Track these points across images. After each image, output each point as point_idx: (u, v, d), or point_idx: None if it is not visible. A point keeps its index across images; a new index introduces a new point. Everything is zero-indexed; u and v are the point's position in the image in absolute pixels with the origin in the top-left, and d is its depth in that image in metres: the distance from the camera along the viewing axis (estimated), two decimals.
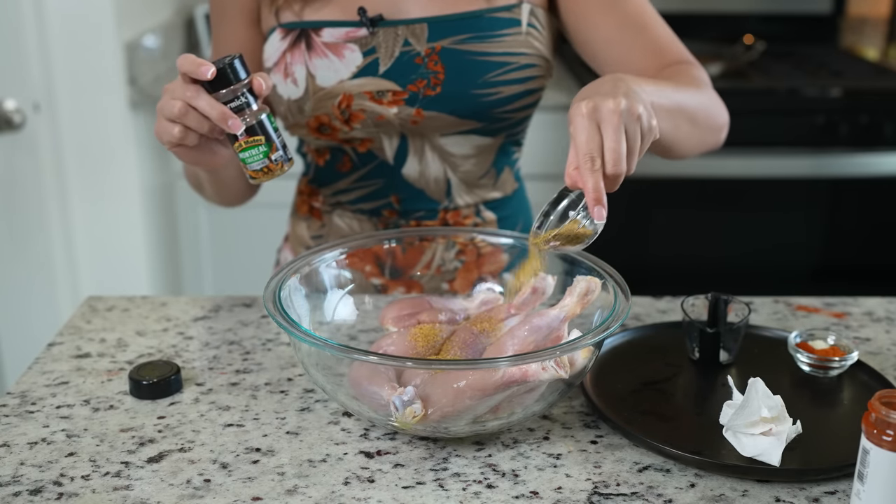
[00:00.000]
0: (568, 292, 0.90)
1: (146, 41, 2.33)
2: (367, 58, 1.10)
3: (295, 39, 1.12)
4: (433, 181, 1.18)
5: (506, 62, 1.11)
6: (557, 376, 0.81)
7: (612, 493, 0.80)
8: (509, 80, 1.11)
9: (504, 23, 1.11)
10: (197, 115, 0.91)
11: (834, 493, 0.80)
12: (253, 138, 0.92)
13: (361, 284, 1.17)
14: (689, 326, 1.01)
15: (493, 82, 1.11)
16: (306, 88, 1.11)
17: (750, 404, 0.84)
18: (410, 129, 1.14)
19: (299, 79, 1.11)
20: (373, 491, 0.80)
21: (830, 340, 1.00)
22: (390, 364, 0.85)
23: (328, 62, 1.10)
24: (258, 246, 2.42)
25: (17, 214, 1.95)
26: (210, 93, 0.90)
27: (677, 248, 2.42)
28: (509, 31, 1.11)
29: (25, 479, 0.81)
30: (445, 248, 1.17)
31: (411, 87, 1.11)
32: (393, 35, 1.11)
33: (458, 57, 1.10)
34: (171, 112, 0.91)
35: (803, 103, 2.33)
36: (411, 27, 1.11)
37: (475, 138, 1.16)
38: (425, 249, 1.16)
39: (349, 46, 1.10)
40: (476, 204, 1.22)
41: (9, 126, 1.84)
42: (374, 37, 1.10)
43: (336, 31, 1.11)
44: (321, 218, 1.25)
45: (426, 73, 1.10)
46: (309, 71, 1.11)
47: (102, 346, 1.06)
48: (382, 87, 1.11)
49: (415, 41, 1.10)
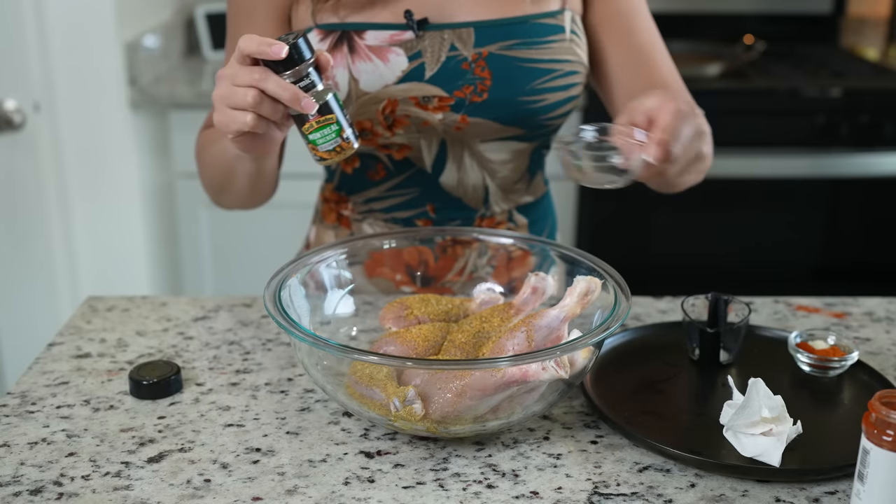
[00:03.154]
0: (568, 292, 0.90)
1: (146, 41, 2.33)
2: (412, 62, 1.07)
3: (336, 41, 1.08)
4: (471, 189, 1.16)
5: (551, 69, 1.09)
6: (557, 376, 0.81)
7: (612, 493, 0.80)
8: (554, 87, 1.10)
9: (549, 29, 1.10)
10: (270, 101, 0.87)
11: (834, 493, 0.80)
12: (324, 118, 0.89)
13: (390, 293, 1.17)
14: (689, 326, 1.01)
15: (539, 89, 1.09)
16: (349, 93, 1.08)
17: (750, 404, 0.84)
18: (452, 136, 1.12)
19: (341, 83, 1.07)
20: (373, 491, 0.80)
21: (830, 340, 1.00)
22: (390, 364, 0.85)
23: (372, 66, 1.07)
24: (258, 246, 2.43)
25: (17, 214, 1.95)
26: (276, 73, 0.86)
27: (677, 248, 2.41)
28: (554, 37, 1.10)
29: (25, 479, 0.81)
30: (478, 254, 1.14)
31: (458, 92, 1.08)
32: (439, 39, 1.08)
33: (505, 63, 1.08)
34: (241, 100, 0.86)
35: (803, 103, 2.34)
36: (458, 31, 1.08)
37: (513, 144, 1.14)
38: (458, 257, 1.14)
39: (394, 50, 1.07)
40: (509, 209, 1.20)
41: (9, 126, 1.84)
42: (420, 41, 1.07)
43: (380, 34, 1.07)
44: (350, 226, 1.21)
45: (473, 79, 1.08)
46: (352, 75, 1.07)
47: (102, 346, 1.06)
48: (429, 92, 1.08)
49: (461, 46, 1.08)
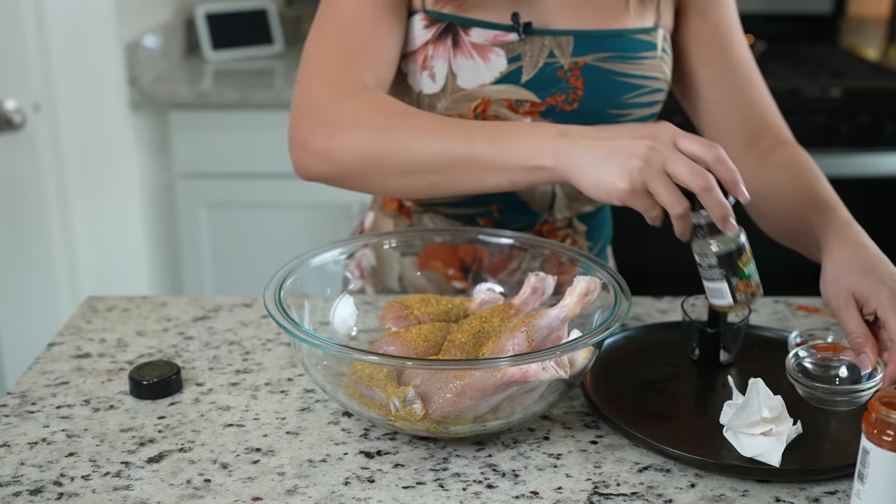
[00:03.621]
0: (568, 292, 0.90)
1: (146, 41, 2.33)
2: (511, 64, 1.06)
3: (440, 32, 1.06)
4: (539, 194, 1.16)
5: (641, 85, 1.09)
6: (557, 376, 0.81)
7: (612, 493, 0.80)
8: (641, 103, 1.10)
9: (643, 45, 1.10)
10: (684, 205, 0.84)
11: (834, 493, 0.80)
12: (748, 254, 0.88)
13: (441, 287, 1.17)
14: (689, 326, 1.01)
15: (628, 104, 1.09)
16: (445, 86, 1.07)
17: (750, 404, 0.84)
18: None
19: (438, 75, 1.06)
20: (373, 491, 0.80)
21: (830, 340, 1.00)
22: (390, 364, 0.85)
23: (472, 63, 1.06)
24: (258, 246, 2.43)
25: (17, 214, 1.95)
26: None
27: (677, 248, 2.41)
28: (647, 53, 1.10)
29: (25, 479, 0.81)
30: (532, 257, 1.12)
31: (550, 99, 1.08)
32: (539, 45, 1.07)
33: (599, 75, 1.08)
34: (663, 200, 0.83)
35: (803, 103, 2.33)
36: (558, 39, 1.07)
37: None
38: (513, 257, 1.13)
39: (495, 50, 1.06)
40: (570, 217, 1.20)
41: (9, 126, 1.84)
42: (521, 44, 1.06)
43: (485, 32, 1.06)
44: (410, 217, 1.21)
45: (566, 88, 1.07)
46: (451, 69, 1.06)
47: (102, 346, 1.06)
48: (522, 96, 1.07)
49: (559, 54, 1.07)
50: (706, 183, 0.82)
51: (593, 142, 0.86)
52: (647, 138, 0.84)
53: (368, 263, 1.22)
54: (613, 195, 0.84)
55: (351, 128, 0.96)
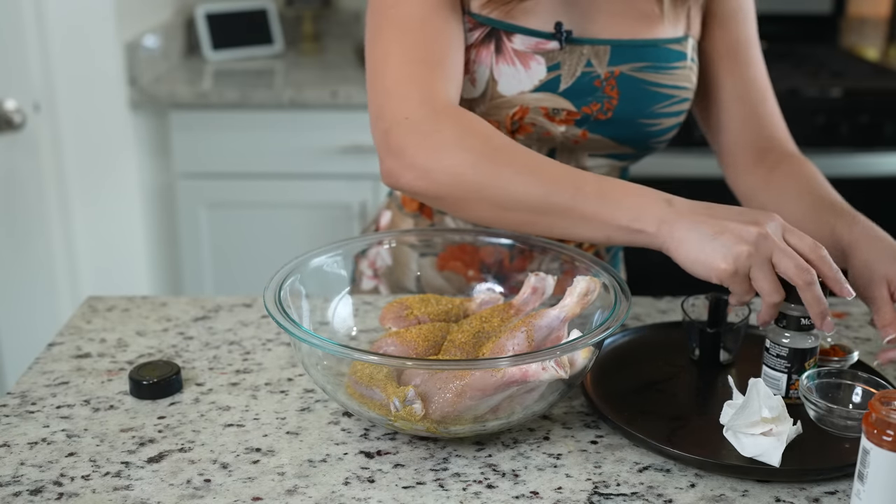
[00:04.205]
0: (568, 292, 0.90)
1: (146, 41, 2.33)
2: (550, 73, 1.06)
3: (484, 37, 1.06)
4: None
5: (672, 95, 1.10)
6: (557, 376, 0.81)
7: (612, 493, 0.80)
8: (671, 112, 1.11)
9: (675, 55, 1.10)
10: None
11: (834, 493, 0.80)
12: (816, 358, 0.91)
13: (461, 288, 1.16)
14: (689, 326, 1.01)
15: (659, 113, 1.10)
16: (485, 91, 1.06)
17: (750, 405, 0.84)
18: (565, 147, 1.11)
19: (479, 79, 1.06)
20: (373, 491, 0.80)
21: (830, 340, 1.00)
22: (390, 364, 0.85)
23: (514, 70, 1.06)
24: (258, 246, 2.43)
25: (17, 214, 1.95)
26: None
27: None
28: (678, 63, 1.10)
29: (25, 479, 0.81)
30: (551, 259, 1.11)
31: (585, 108, 1.08)
32: (578, 54, 1.07)
33: (634, 84, 1.08)
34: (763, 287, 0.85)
35: (803, 103, 2.33)
36: (595, 48, 1.07)
37: (614, 160, 1.14)
38: (534, 258, 1.12)
39: (536, 58, 1.06)
40: None
41: (9, 126, 1.84)
42: (560, 52, 1.06)
43: (528, 39, 1.06)
44: (432, 217, 1.20)
45: (601, 97, 1.08)
46: (492, 75, 1.06)
47: (102, 346, 1.06)
48: (559, 104, 1.07)
49: (597, 63, 1.07)
50: (810, 278, 0.84)
51: (701, 218, 0.87)
52: (757, 226, 0.85)
53: (384, 263, 1.22)
54: (713, 274, 0.85)
55: (455, 151, 0.93)
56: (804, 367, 0.90)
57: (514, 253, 1.12)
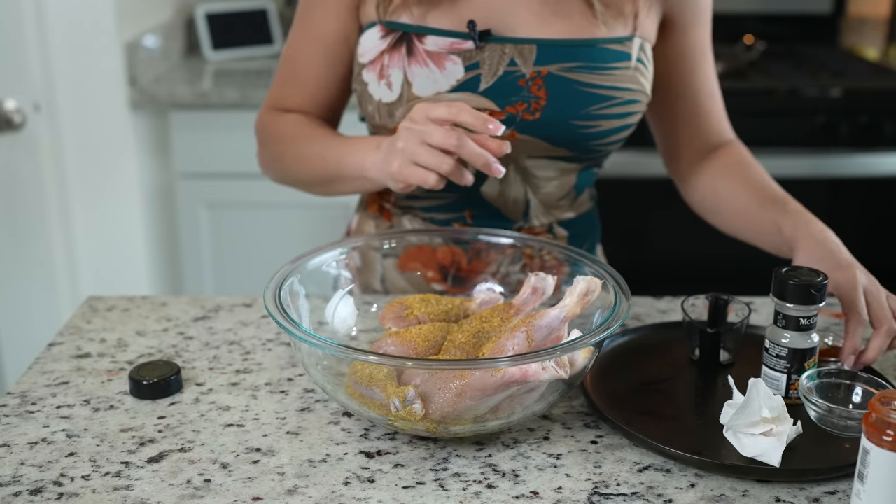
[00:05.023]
0: (568, 292, 0.90)
1: (146, 41, 2.33)
2: (468, 73, 1.06)
3: (395, 42, 1.08)
4: (512, 201, 1.16)
5: (611, 96, 1.09)
6: (557, 376, 0.81)
7: (612, 493, 0.80)
8: (611, 114, 1.09)
9: (615, 55, 1.09)
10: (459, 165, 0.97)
11: (834, 493, 0.80)
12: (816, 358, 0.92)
13: (421, 289, 1.17)
14: (689, 326, 1.01)
15: (595, 115, 1.09)
16: (401, 94, 1.08)
17: (751, 405, 0.84)
18: None
19: (395, 83, 1.08)
20: (373, 491, 0.80)
21: (829, 341, 1.00)
22: (390, 364, 0.85)
23: (428, 72, 1.07)
24: (258, 246, 2.43)
25: (17, 214, 1.95)
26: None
27: (677, 248, 2.41)
28: (619, 64, 1.09)
29: (25, 479, 0.81)
30: (511, 261, 1.13)
31: (510, 108, 1.08)
32: (499, 53, 1.07)
33: (563, 85, 1.07)
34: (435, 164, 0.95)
35: (803, 103, 2.33)
36: (519, 47, 1.07)
37: (561, 163, 1.14)
38: (491, 261, 1.13)
39: (452, 58, 1.06)
40: (550, 223, 1.20)
41: (9, 126, 1.84)
42: (479, 52, 1.06)
43: (441, 40, 1.07)
44: (391, 219, 1.22)
45: (528, 97, 1.07)
46: (406, 78, 1.07)
47: (102, 346, 1.06)
48: (480, 104, 1.07)
49: (521, 62, 1.07)
50: (457, 141, 0.94)
51: (385, 146, 1.01)
52: (406, 122, 0.98)
53: (355, 264, 1.23)
54: (390, 180, 1.00)
55: (262, 151, 1.22)
56: (804, 367, 0.90)
57: (470, 255, 1.13)
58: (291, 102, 1.19)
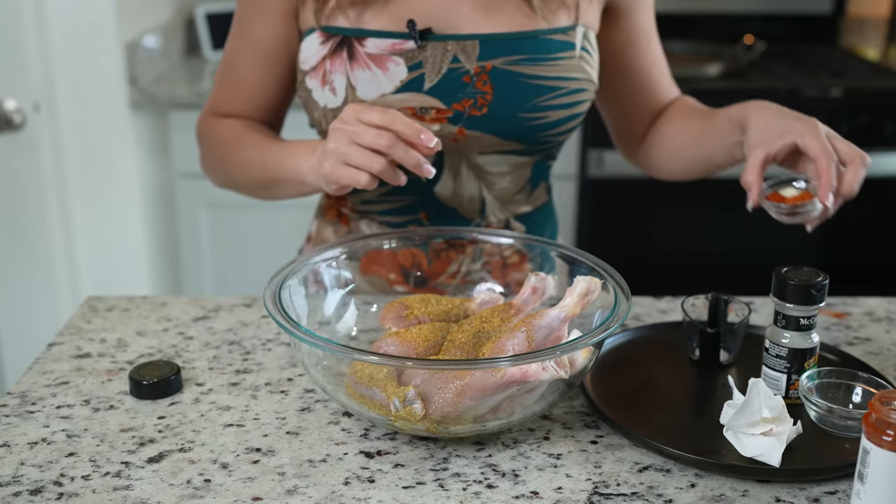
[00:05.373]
0: (568, 292, 0.90)
1: (146, 41, 2.33)
2: (412, 72, 1.06)
3: (336, 46, 1.07)
4: (467, 200, 1.16)
5: (557, 87, 1.08)
6: (557, 376, 0.81)
7: (612, 493, 0.80)
8: (558, 104, 1.09)
9: (558, 45, 1.09)
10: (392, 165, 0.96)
11: (834, 493, 0.80)
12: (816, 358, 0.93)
13: (384, 292, 1.17)
14: (689, 326, 1.01)
15: (542, 106, 1.08)
16: (345, 99, 1.07)
17: (751, 405, 0.84)
18: (449, 147, 1.10)
19: (338, 88, 1.07)
20: (373, 491, 0.80)
21: (800, 185, 1.02)
22: (390, 364, 0.85)
23: (370, 74, 1.06)
24: (258, 246, 2.43)
25: (17, 214, 1.95)
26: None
27: (677, 247, 2.41)
28: (563, 54, 1.09)
29: (25, 479, 0.81)
30: (472, 259, 1.14)
31: (456, 105, 1.07)
32: (442, 50, 1.06)
33: (508, 78, 1.07)
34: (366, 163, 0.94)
35: (803, 103, 2.33)
36: (462, 43, 1.07)
37: (513, 157, 1.14)
38: (451, 260, 1.14)
39: (394, 59, 1.06)
40: (507, 219, 1.20)
41: (9, 126, 1.84)
42: (421, 51, 1.06)
43: (381, 42, 1.06)
44: (349, 224, 1.21)
45: (473, 93, 1.07)
46: (349, 82, 1.07)
47: (102, 346, 1.06)
48: (426, 103, 1.07)
49: (464, 58, 1.06)
50: (388, 141, 0.93)
51: (319, 149, 1.00)
52: (336, 123, 0.97)
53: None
54: (323, 182, 0.99)
55: (204, 155, 1.23)
56: (804, 367, 0.90)
57: (430, 256, 1.13)
58: (231, 107, 1.18)
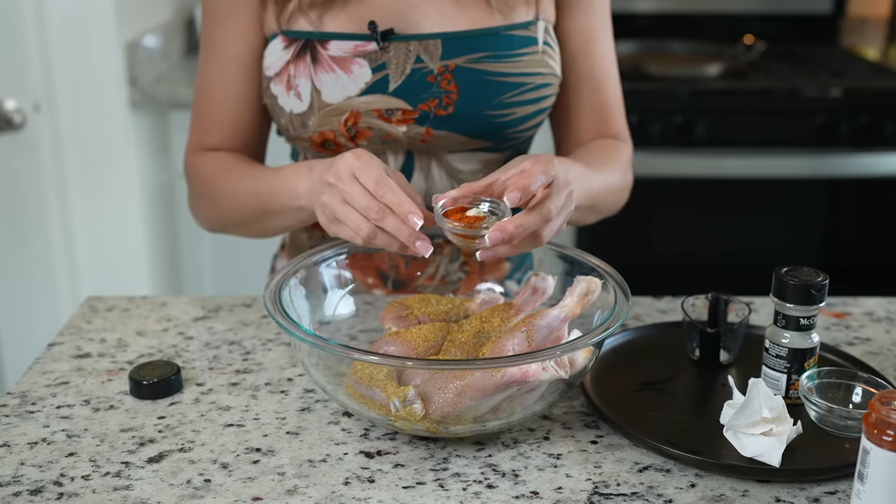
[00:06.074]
0: (568, 292, 0.90)
1: (146, 41, 2.33)
2: (376, 74, 1.05)
3: (299, 51, 1.07)
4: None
5: (522, 83, 1.08)
6: (557, 376, 0.81)
7: (612, 493, 0.80)
8: (524, 100, 1.08)
9: (521, 41, 1.08)
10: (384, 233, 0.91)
11: (834, 493, 0.80)
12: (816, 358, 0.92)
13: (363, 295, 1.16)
14: (689, 326, 1.01)
15: (508, 103, 1.08)
16: (311, 103, 1.07)
17: (751, 405, 0.84)
18: (418, 147, 1.10)
19: (303, 93, 1.07)
20: (373, 491, 0.80)
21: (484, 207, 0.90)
22: (390, 364, 0.85)
23: (335, 77, 1.06)
24: (258, 246, 2.42)
25: (17, 214, 1.95)
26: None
27: (677, 248, 2.41)
28: (526, 49, 1.08)
29: (26, 479, 0.81)
30: (450, 260, 1.14)
31: (422, 106, 1.07)
32: (405, 51, 1.06)
33: (472, 77, 1.06)
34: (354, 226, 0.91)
35: (803, 103, 2.33)
36: (424, 43, 1.06)
37: (483, 154, 1.13)
38: (428, 262, 1.13)
39: (357, 61, 1.05)
40: None
41: (9, 126, 1.84)
42: (384, 52, 1.05)
43: (344, 44, 1.05)
44: (322, 230, 1.20)
45: (438, 93, 1.06)
46: (314, 86, 1.06)
47: (102, 346, 1.06)
48: (392, 105, 1.06)
49: (427, 58, 1.06)
50: (377, 215, 0.89)
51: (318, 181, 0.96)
52: (330, 176, 0.93)
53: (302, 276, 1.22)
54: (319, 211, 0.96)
55: (195, 199, 1.17)
56: (804, 367, 0.90)
57: (407, 258, 1.13)
58: (214, 138, 1.16)
